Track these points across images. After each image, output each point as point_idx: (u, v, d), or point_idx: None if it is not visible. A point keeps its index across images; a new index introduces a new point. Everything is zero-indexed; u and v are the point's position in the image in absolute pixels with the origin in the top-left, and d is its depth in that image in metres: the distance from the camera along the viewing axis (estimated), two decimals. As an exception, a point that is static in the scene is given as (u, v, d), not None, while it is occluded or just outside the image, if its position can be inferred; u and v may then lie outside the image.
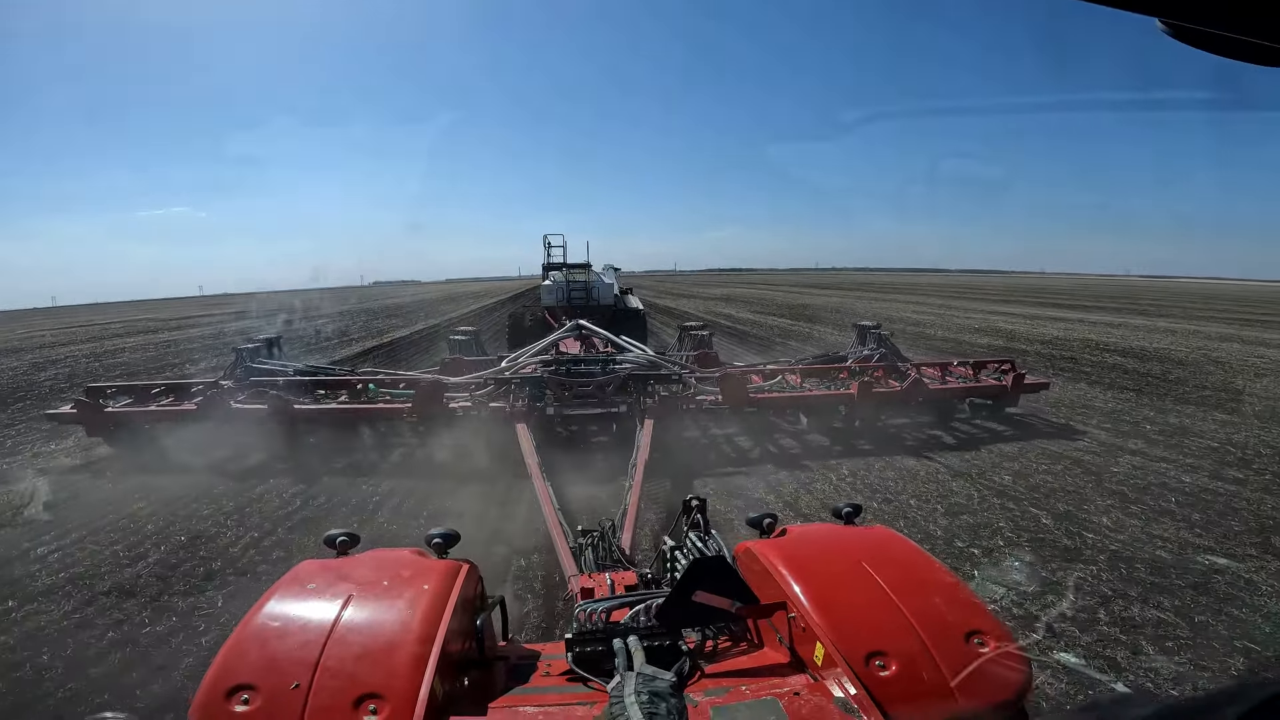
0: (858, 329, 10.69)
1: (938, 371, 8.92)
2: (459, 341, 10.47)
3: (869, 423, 8.02)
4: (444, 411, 7.43)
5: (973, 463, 7.00)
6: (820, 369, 8.85)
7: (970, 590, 1.65)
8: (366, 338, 22.46)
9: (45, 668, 3.54)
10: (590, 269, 16.56)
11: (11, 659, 3.62)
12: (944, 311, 29.63)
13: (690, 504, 2.79)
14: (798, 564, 1.73)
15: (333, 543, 1.94)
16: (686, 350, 10.23)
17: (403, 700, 1.27)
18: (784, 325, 23.23)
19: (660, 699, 1.25)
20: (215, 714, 1.25)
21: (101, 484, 6.64)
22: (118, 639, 3.82)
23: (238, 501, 6.06)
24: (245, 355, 9.05)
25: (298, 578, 1.63)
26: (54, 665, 3.56)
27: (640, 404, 7.50)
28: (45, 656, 3.64)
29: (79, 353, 20.13)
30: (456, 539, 2.11)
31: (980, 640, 1.45)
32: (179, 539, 5.23)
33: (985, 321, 24.61)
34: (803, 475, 6.68)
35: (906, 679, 1.38)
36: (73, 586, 4.44)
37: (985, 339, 19.08)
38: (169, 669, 3.53)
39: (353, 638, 1.39)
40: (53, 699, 3.30)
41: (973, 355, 10.97)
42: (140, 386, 8.29)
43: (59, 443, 8.27)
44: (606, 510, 5.01)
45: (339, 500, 6.11)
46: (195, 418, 7.24)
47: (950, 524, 5.40)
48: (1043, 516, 5.52)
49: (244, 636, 1.40)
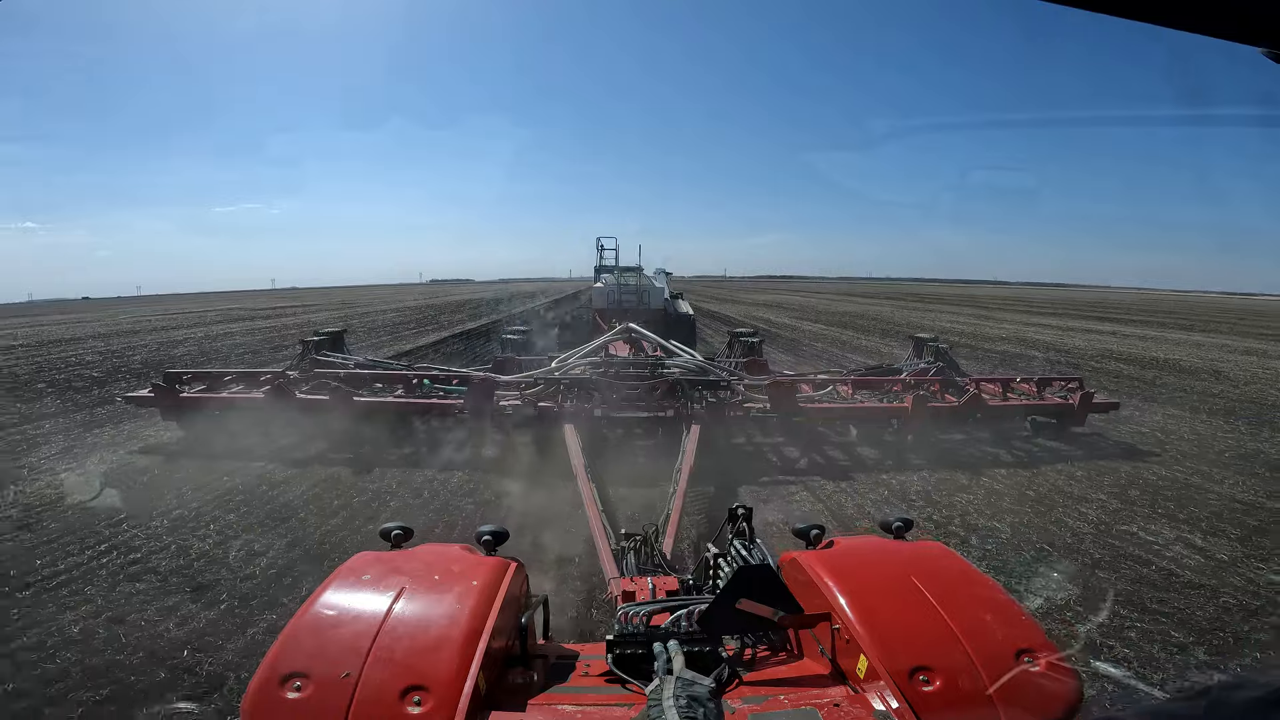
0: (913, 341, 10.39)
1: (998, 387, 8.58)
2: (511, 340, 10.66)
3: (922, 438, 7.77)
4: (494, 409, 7.59)
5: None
6: (873, 381, 8.64)
7: (1024, 609, 1.60)
8: (455, 325, 25.17)
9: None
10: (642, 272, 16.62)
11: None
12: (978, 322, 29.56)
13: (736, 512, 2.77)
14: (844, 576, 1.71)
15: (388, 535, 2.01)
16: (736, 357, 10.15)
17: (448, 694, 1.29)
18: (818, 330, 24.09)
19: (699, 704, 1.25)
20: (268, 700, 1.29)
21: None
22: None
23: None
24: (311, 347, 9.46)
25: (354, 569, 1.68)
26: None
27: (687, 409, 7.48)
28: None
29: (193, 335, 21.87)
30: (505, 537, 2.15)
31: (1031, 659, 1.40)
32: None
33: (1015, 332, 24.44)
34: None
35: (950, 694, 1.35)
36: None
37: (1006, 347, 19.04)
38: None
39: (403, 630, 1.43)
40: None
41: (1029, 370, 10.52)
42: (214, 373, 8.73)
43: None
44: (646, 513, 5.02)
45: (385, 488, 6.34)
46: (263, 405, 7.61)
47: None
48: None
49: (300, 625, 1.45)
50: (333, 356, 9.48)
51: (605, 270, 16.74)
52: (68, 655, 3.57)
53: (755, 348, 10.30)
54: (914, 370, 9.31)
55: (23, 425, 8.79)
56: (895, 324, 26.94)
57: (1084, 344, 20.86)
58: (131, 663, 3.51)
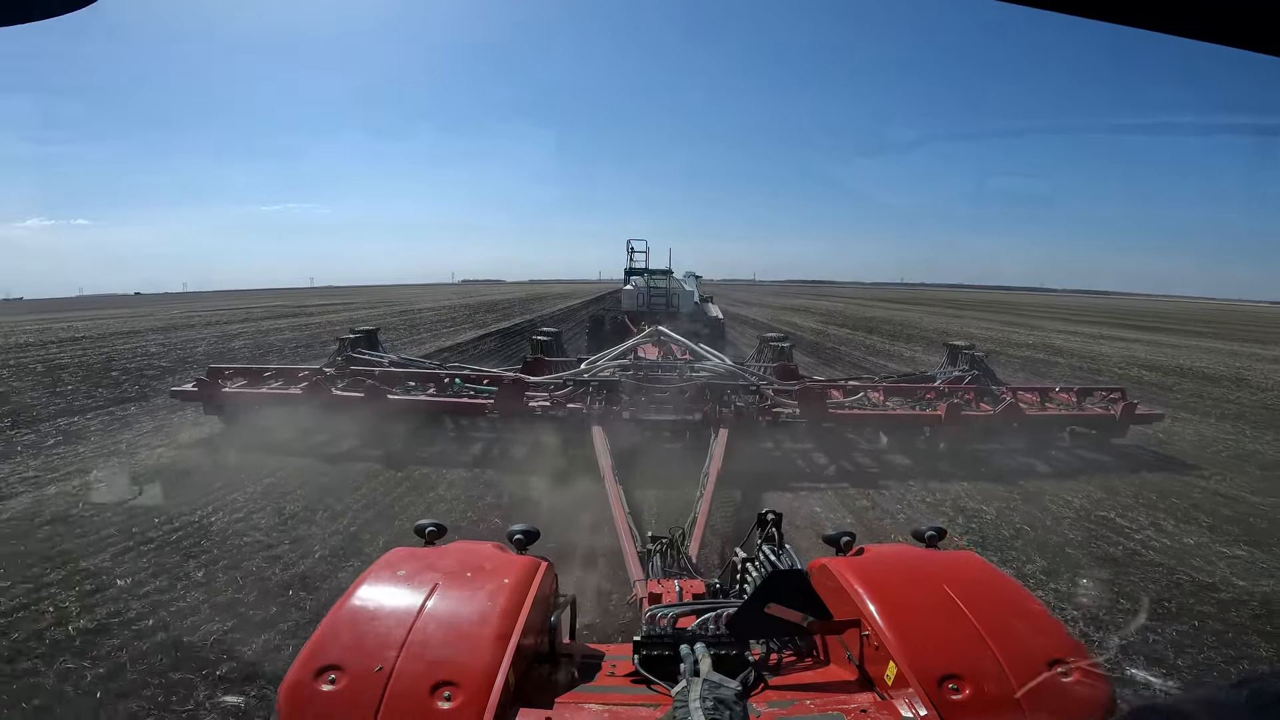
0: (948, 349, 10.19)
1: (1036, 397, 8.36)
2: (541, 342, 10.74)
3: (955, 446, 7.61)
4: (524, 410, 7.66)
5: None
6: (905, 388, 8.50)
7: (1058, 619, 1.60)
8: (490, 324, 26.41)
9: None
10: (671, 275, 16.58)
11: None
12: (1007, 329, 29.40)
13: (765, 517, 2.77)
14: (874, 583, 1.70)
15: (422, 532, 2.06)
16: (766, 362, 10.08)
17: (478, 690, 1.31)
18: (843, 335, 24.72)
19: (725, 706, 1.26)
20: (303, 692, 1.32)
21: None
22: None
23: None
24: (347, 345, 9.68)
25: (389, 564, 1.72)
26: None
27: (716, 413, 7.45)
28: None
29: (245, 330, 22.94)
30: (536, 536, 2.18)
31: (1064, 669, 1.38)
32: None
33: (1043, 339, 24.41)
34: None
35: (980, 703, 1.34)
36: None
37: (1029, 353, 19.15)
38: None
39: (435, 625, 1.46)
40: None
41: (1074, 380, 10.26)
42: (254, 370, 8.97)
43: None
44: (672, 516, 5.02)
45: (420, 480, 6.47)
46: (300, 401, 7.80)
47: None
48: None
49: (337, 618, 1.49)
50: (367, 354, 9.68)
51: (635, 273, 16.72)
52: (196, 596, 4.10)
53: (785, 353, 10.21)
54: (948, 378, 9.13)
55: (110, 408, 9.54)
56: (922, 329, 27.51)
57: (1111, 351, 20.98)
58: (248, 599, 4.07)
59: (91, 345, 17.33)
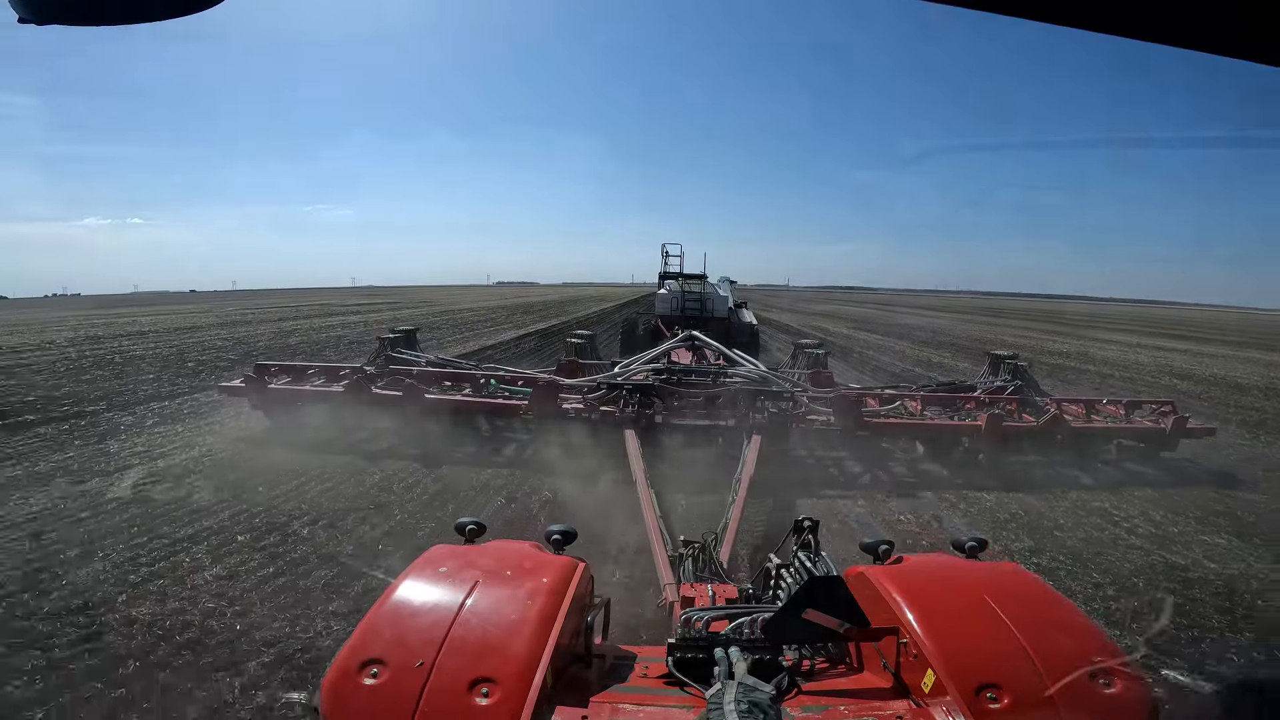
0: (990, 358, 9.93)
1: (1081, 409, 8.09)
2: (575, 344, 10.83)
3: (995, 458, 7.41)
4: (557, 411, 7.73)
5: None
6: (944, 397, 8.32)
7: (1104, 632, 1.55)
8: (528, 324, 27.59)
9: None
10: (706, 280, 16.49)
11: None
12: (1043, 337, 29.19)
13: (802, 524, 2.75)
14: (913, 591, 1.69)
15: (462, 530, 2.10)
16: (800, 368, 9.98)
17: (515, 687, 1.34)
18: (873, 340, 25.05)
19: (759, 709, 1.27)
20: (346, 685, 1.36)
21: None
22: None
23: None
24: (386, 345, 9.90)
25: (431, 560, 1.76)
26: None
27: (749, 419, 7.40)
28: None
29: (300, 327, 24.26)
30: (574, 537, 2.21)
31: (1106, 681, 1.36)
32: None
33: (1079, 348, 24.20)
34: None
35: (1018, 713, 1.33)
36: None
37: (1060, 361, 19.09)
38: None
39: (475, 622, 1.49)
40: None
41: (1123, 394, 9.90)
42: (299, 367, 9.20)
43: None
44: (703, 521, 5.02)
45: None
46: (342, 399, 8.01)
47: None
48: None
49: (380, 613, 1.53)
50: (406, 354, 9.88)
51: (669, 277, 16.66)
52: (306, 548, 4.84)
53: (820, 359, 10.08)
54: (989, 387, 8.90)
55: (194, 394, 10.40)
56: (953, 336, 27.88)
57: (1147, 360, 20.92)
58: (346, 550, 4.88)
59: (160, 339, 18.63)
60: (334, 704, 1.35)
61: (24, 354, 14.48)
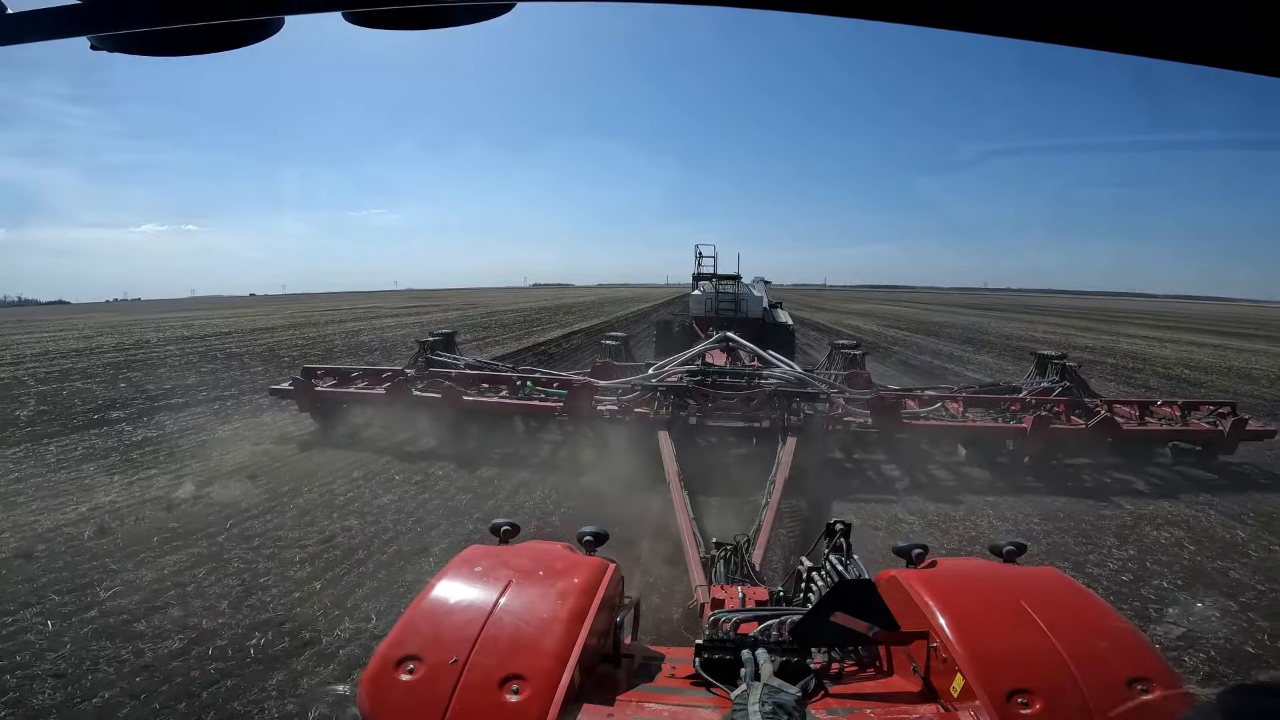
0: (1036, 358, 9.61)
1: (1134, 410, 7.79)
2: (610, 346, 10.87)
3: (1041, 462, 7.19)
4: (592, 413, 7.80)
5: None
6: (987, 398, 8.09)
7: (1144, 637, 1.51)
8: (572, 324, 29.71)
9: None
10: (740, 280, 16.36)
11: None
12: (1073, 333, 29.73)
13: (834, 527, 2.73)
14: (945, 595, 1.67)
15: (497, 531, 2.14)
16: (836, 369, 9.83)
17: (545, 685, 1.36)
18: (901, 336, 26.06)
19: (784, 711, 1.26)
20: (384, 680, 1.41)
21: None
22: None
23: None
24: (427, 348, 10.12)
25: (466, 560, 1.80)
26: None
27: (784, 421, 7.32)
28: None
29: (364, 328, 26.72)
30: (605, 538, 2.24)
31: (1145, 688, 1.32)
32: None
33: (1107, 344, 24.64)
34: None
35: (1049, 719, 1.30)
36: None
37: (1081, 355, 18.71)
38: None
39: (508, 620, 1.52)
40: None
41: (1176, 394, 9.49)
42: (343, 370, 9.44)
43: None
44: (737, 523, 5.01)
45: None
46: (385, 401, 8.23)
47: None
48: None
49: (417, 611, 1.57)
50: (445, 356, 10.08)
51: (703, 278, 16.57)
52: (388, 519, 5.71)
53: (857, 360, 9.91)
54: (1035, 389, 8.62)
55: None
56: (983, 332, 28.79)
57: (1170, 354, 21.39)
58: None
59: (244, 338, 21.60)
60: (373, 700, 1.40)
61: (133, 351, 17.23)
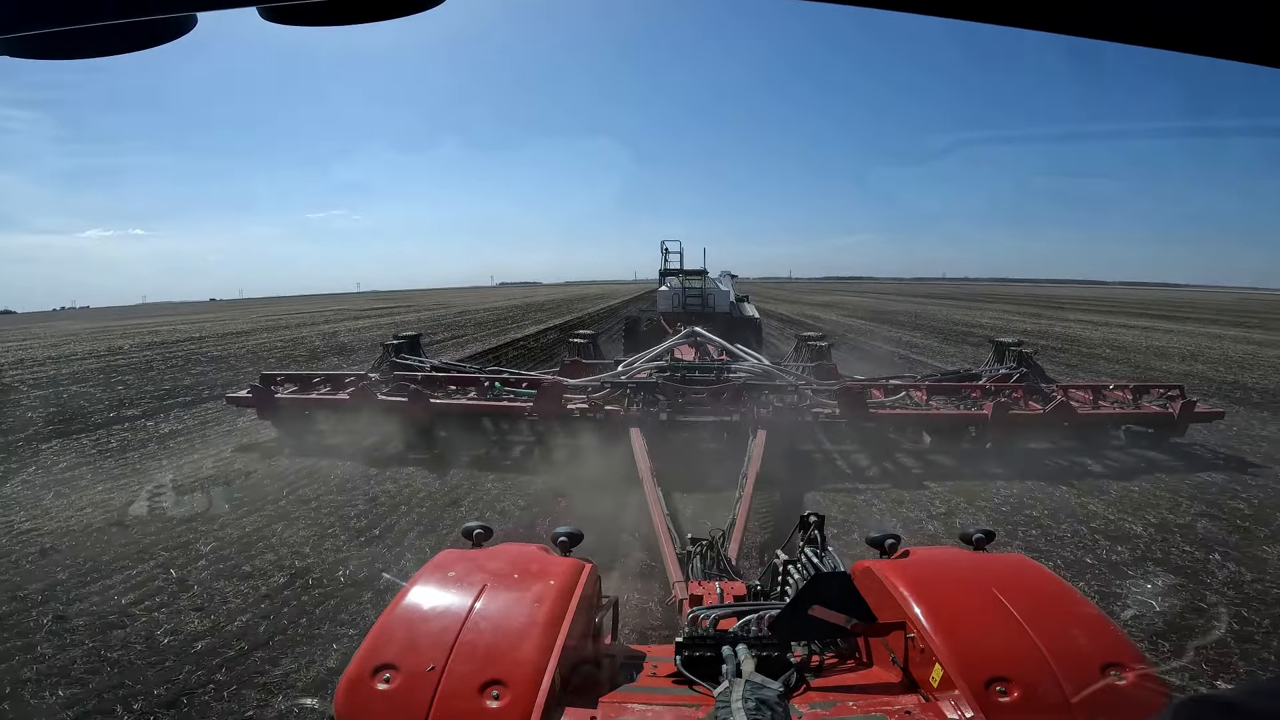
0: (995, 345, 9.88)
1: (1089, 395, 8.07)
2: (578, 344, 10.79)
3: (1002, 446, 7.39)
4: (562, 412, 7.73)
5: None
6: (949, 386, 8.29)
7: (1114, 623, 1.54)
8: (547, 320, 30.04)
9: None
10: (707, 275, 16.44)
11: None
12: (1018, 319, 31.26)
13: (808, 520, 2.75)
14: (920, 585, 1.68)
15: (470, 534, 2.09)
16: (803, 361, 9.95)
17: (525, 689, 1.34)
18: (859, 326, 27.52)
19: (767, 707, 1.27)
20: (361, 690, 1.37)
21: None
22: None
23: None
24: (391, 351, 9.88)
25: (440, 566, 1.76)
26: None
27: (753, 414, 7.37)
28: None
29: (339, 329, 26.81)
30: (580, 538, 2.21)
31: (1118, 673, 1.35)
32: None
33: (1044, 327, 26.23)
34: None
35: (1028, 706, 1.32)
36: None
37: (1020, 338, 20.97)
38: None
39: (485, 626, 1.49)
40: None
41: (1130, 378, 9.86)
42: (304, 376, 9.11)
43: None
44: (701, 517, 5.03)
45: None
46: (348, 407, 8.02)
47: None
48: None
49: (392, 619, 1.53)
50: (410, 359, 9.86)
51: (670, 274, 16.62)
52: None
53: (823, 352, 10.03)
54: (994, 376, 8.86)
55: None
56: (935, 319, 30.69)
57: (1099, 336, 22.98)
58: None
59: (220, 342, 21.78)
60: (350, 711, 1.36)
61: (110, 357, 17.22)
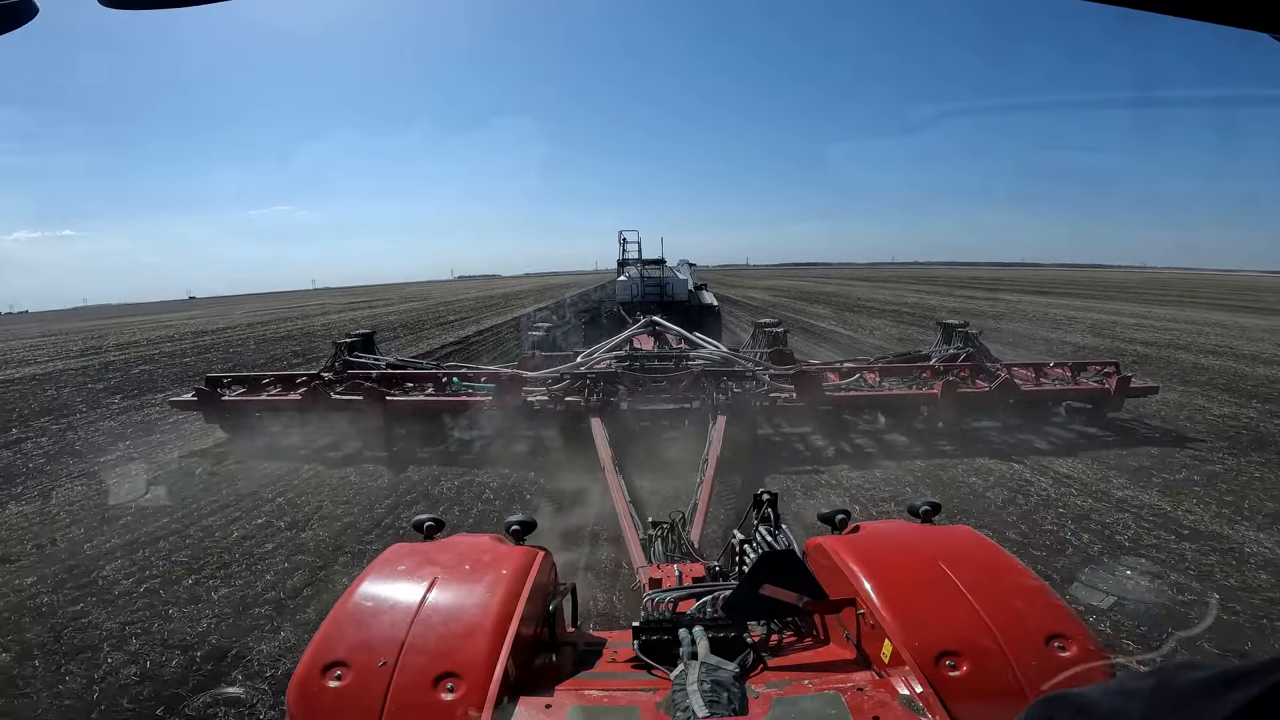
0: (942, 327, 10.20)
1: (1031, 373, 8.41)
2: (536, 337, 10.69)
3: (952, 425, 7.69)
4: (522, 405, 7.68)
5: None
6: (901, 368, 8.54)
7: (1055, 594, 1.58)
8: (528, 306, 30.52)
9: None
10: (665, 264, 16.48)
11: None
12: (950, 300, 33.23)
13: (761, 498, 2.76)
14: (870, 561, 1.70)
15: (420, 527, 2.05)
16: (761, 347, 10.08)
17: (479, 679, 1.33)
18: (788, 303, 30.42)
19: (722, 688, 1.28)
20: (311, 689, 1.34)
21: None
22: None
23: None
24: (344, 349, 9.62)
25: (389, 560, 1.73)
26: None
27: (713, 400, 7.46)
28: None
29: (312, 325, 26.79)
30: (533, 527, 2.19)
31: (1061, 644, 1.39)
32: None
33: (971, 306, 28.56)
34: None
35: (977, 679, 1.35)
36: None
37: (949, 317, 22.71)
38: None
39: (436, 618, 1.47)
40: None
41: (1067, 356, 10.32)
42: (252, 377, 8.81)
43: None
44: (671, 500, 5.08)
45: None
46: (301, 407, 7.80)
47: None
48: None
49: (340, 615, 1.50)
50: (365, 357, 9.63)
51: (628, 263, 16.60)
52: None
53: (780, 338, 10.19)
54: (943, 356, 9.17)
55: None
56: (848, 298, 34.27)
57: (1005, 309, 26.02)
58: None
59: (193, 341, 22.33)
60: (301, 710, 1.33)
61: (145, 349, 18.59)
